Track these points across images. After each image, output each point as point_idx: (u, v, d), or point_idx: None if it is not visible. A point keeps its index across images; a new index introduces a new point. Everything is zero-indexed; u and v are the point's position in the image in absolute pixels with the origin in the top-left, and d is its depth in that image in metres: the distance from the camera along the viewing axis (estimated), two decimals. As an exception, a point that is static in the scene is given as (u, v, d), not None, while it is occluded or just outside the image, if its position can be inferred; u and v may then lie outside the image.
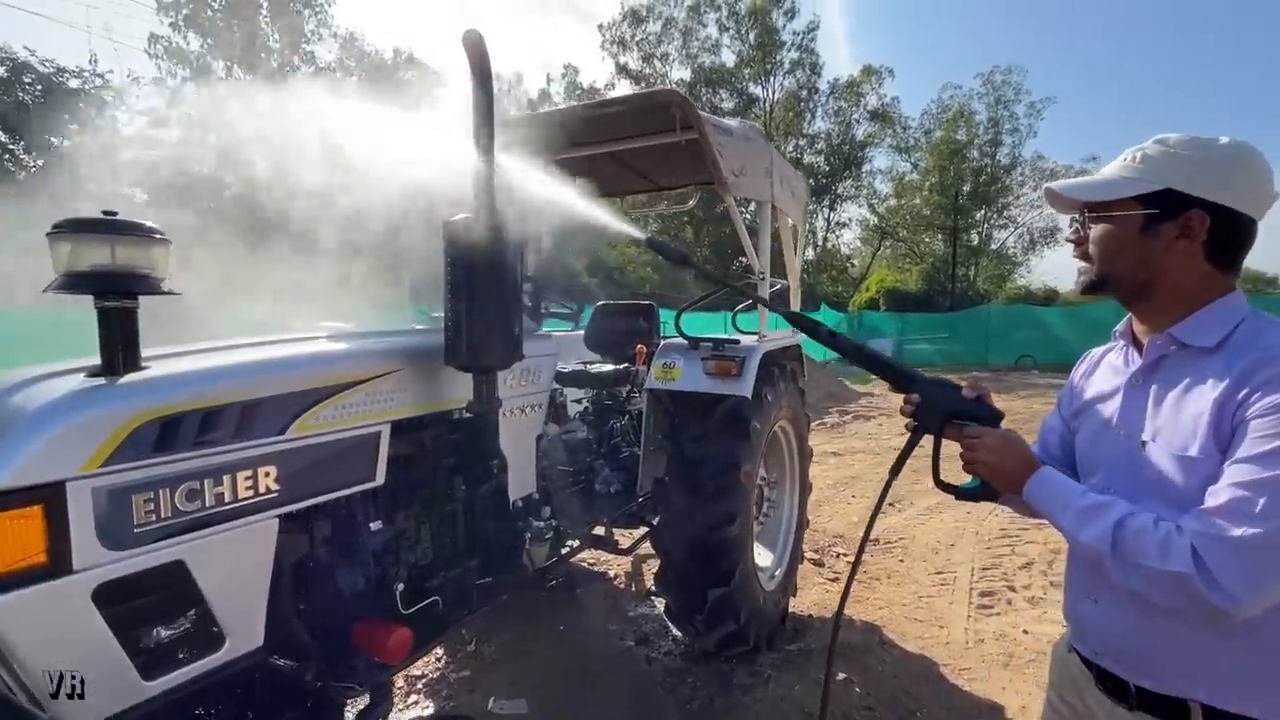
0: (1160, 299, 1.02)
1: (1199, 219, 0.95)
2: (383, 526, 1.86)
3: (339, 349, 1.77)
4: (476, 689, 2.86)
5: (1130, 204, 1.00)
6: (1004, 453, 1.06)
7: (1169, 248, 0.98)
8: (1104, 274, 1.05)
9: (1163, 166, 0.97)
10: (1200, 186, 0.95)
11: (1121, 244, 1.02)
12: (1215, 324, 0.97)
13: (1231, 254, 0.99)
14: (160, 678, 1.32)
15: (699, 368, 2.72)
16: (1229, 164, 0.95)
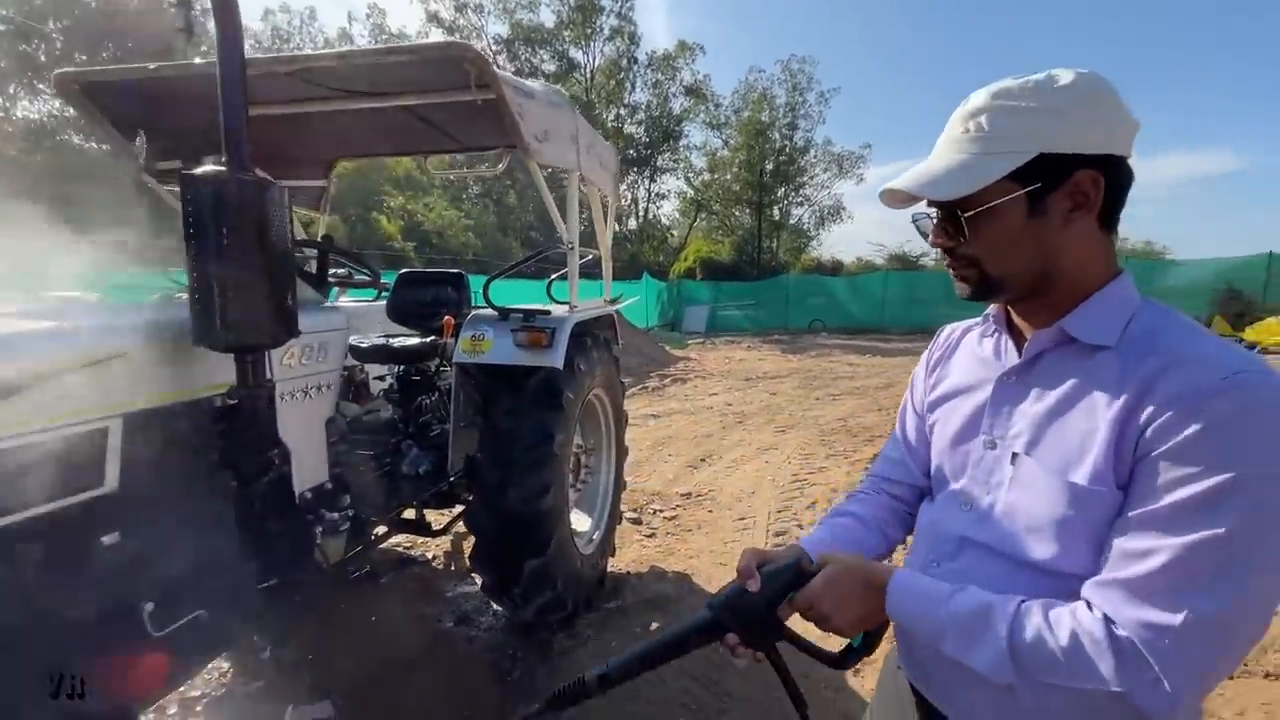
0: (1061, 289, 0.82)
1: (1091, 180, 0.77)
2: (119, 539, 1.56)
3: (40, 328, 1.42)
4: (274, 698, 2.58)
5: (1005, 185, 0.78)
6: (841, 602, 0.83)
7: (1065, 223, 0.79)
8: (994, 276, 0.84)
9: (1019, 129, 0.77)
10: (1076, 140, 0.76)
11: (1007, 236, 0.81)
12: (1110, 315, 0.80)
13: (1117, 209, 0.81)
14: None
15: (509, 339, 2.65)
16: (1090, 103, 0.76)
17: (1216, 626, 0.64)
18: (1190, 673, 0.64)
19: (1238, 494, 0.64)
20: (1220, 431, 0.66)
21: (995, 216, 0.80)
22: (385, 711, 2.50)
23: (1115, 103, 0.77)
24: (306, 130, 3.16)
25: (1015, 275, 0.83)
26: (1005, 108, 0.78)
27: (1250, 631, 0.66)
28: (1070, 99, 0.76)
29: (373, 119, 3.04)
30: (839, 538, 1.03)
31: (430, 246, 22.95)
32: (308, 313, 2.22)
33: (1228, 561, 0.64)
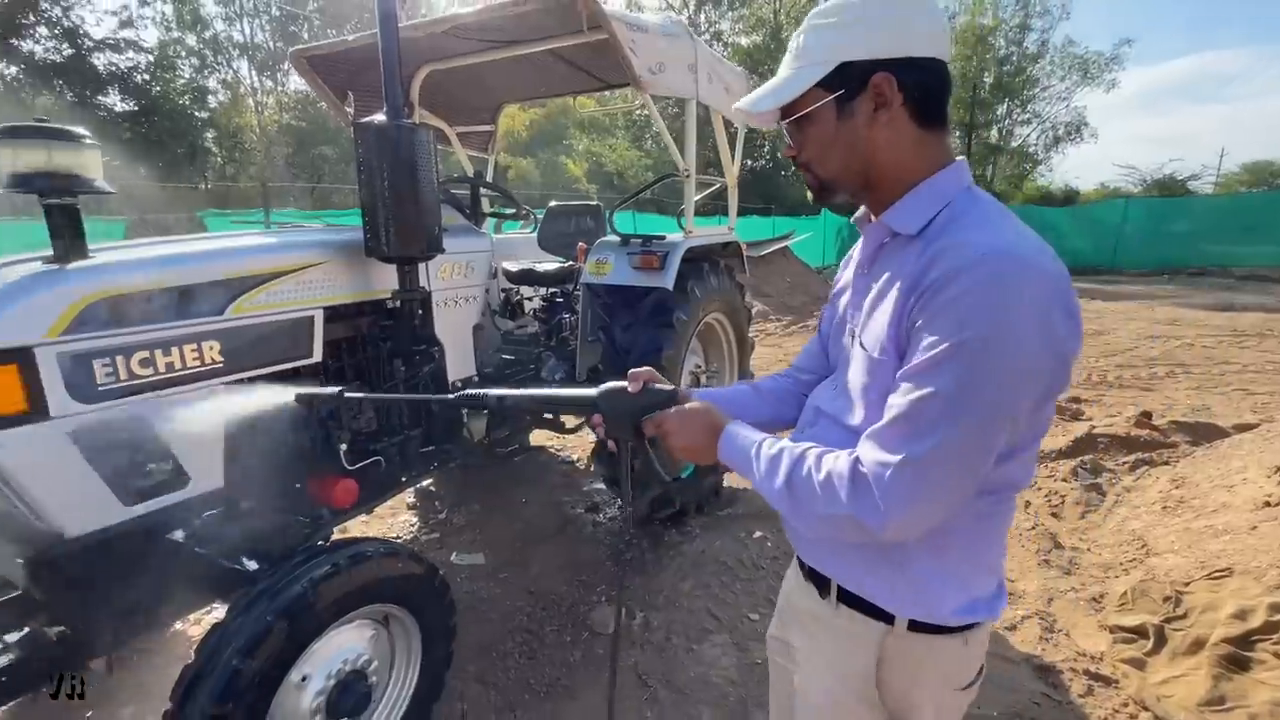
0: (885, 184, 0.91)
1: (886, 82, 0.85)
2: (326, 397, 2.17)
3: (269, 242, 2.00)
4: (444, 546, 3.32)
5: (816, 94, 0.89)
6: (687, 430, 0.99)
7: (871, 123, 0.87)
8: (825, 178, 0.95)
9: (823, 44, 0.88)
10: (871, 48, 0.85)
11: (825, 140, 0.91)
12: (921, 207, 0.87)
13: (936, 107, 0.88)
14: (137, 505, 1.67)
15: (626, 262, 2.94)
16: (885, 11, 0.85)
17: (922, 464, 0.77)
18: (899, 498, 0.78)
19: (956, 357, 0.75)
20: (956, 303, 0.75)
21: (811, 122, 0.91)
22: (520, 568, 3.08)
23: (910, 7, 0.85)
24: (472, 81, 3.64)
25: (839, 174, 0.93)
26: (816, 25, 0.89)
27: (954, 472, 0.78)
28: (864, 10, 0.85)
29: (521, 65, 3.41)
30: (728, 397, 1.17)
31: (612, 187, 23.95)
32: (457, 236, 2.71)
33: (938, 413, 0.76)
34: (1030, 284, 0.75)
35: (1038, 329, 0.75)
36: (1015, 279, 0.74)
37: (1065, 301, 0.77)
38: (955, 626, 0.92)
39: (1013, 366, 0.75)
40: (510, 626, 2.62)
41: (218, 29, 24.67)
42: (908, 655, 0.94)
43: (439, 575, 1.94)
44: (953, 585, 0.90)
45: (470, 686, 2.28)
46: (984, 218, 0.83)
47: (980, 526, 0.90)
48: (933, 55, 0.86)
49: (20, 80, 15.37)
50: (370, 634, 1.83)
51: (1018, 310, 0.74)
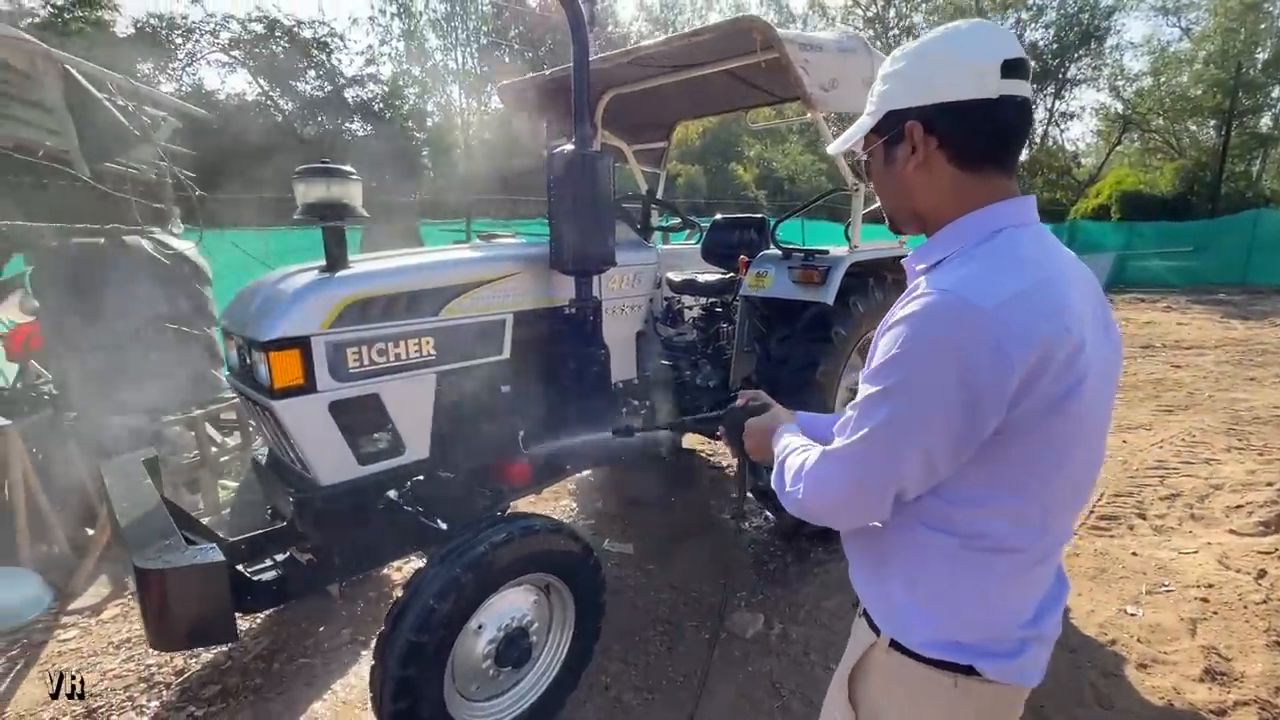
0: (930, 221, 0.96)
1: (914, 128, 0.91)
2: (510, 390, 2.50)
3: (476, 256, 2.37)
4: (598, 533, 3.60)
5: (872, 139, 1.00)
6: (753, 434, 1.17)
7: (908, 167, 0.94)
8: (887, 213, 1.06)
9: (882, 93, 0.96)
10: (903, 98, 0.92)
11: (880, 180, 1.02)
12: (934, 249, 0.93)
13: (973, 149, 0.90)
14: (369, 465, 2.09)
15: (786, 276, 2.97)
16: (917, 62, 0.91)
17: (832, 460, 0.90)
18: (807, 482, 0.93)
19: (875, 378, 0.85)
20: (891, 331, 0.84)
21: (870, 164, 1.04)
22: (665, 562, 3.24)
23: (940, 57, 0.89)
24: (650, 102, 3.90)
25: (892, 210, 1.04)
26: (880, 76, 0.97)
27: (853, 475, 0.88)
28: (903, 62, 0.93)
29: (697, 85, 3.59)
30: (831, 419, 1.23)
31: (782, 193, 23.53)
32: (628, 250, 2.95)
33: (854, 424, 0.87)
34: (953, 324, 0.79)
35: (952, 368, 0.79)
36: (939, 317, 0.80)
37: (997, 343, 0.77)
38: (927, 658, 0.94)
39: (921, 395, 0.81)
40: (653, 616, 2.80)
41: (437, 59, 28.44)
42: (883, 670, 1.00)
43: (594, 555, 2.16)
44: (923, 617, 0.94)
45: (614, 663, 2.49)
46: (966, 260, 0.87)
47: (950, 570, 0.92)
48: (975, 97, 0.87)
49: (295, 113, 19.09)
50: (534, 599, 2.09)
51: (932, 344, 0.80)
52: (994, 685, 0.93)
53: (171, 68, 18.08)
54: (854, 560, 1.07)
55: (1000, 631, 0.93)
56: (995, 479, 0.86)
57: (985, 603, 0.92)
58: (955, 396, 0.79)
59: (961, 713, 0.95)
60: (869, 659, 1.02)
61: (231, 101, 19.07)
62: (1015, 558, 0.90)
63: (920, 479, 0.86)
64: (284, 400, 1.86)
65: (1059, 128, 29.92)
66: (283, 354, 1.85)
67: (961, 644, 0.92)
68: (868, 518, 0.95)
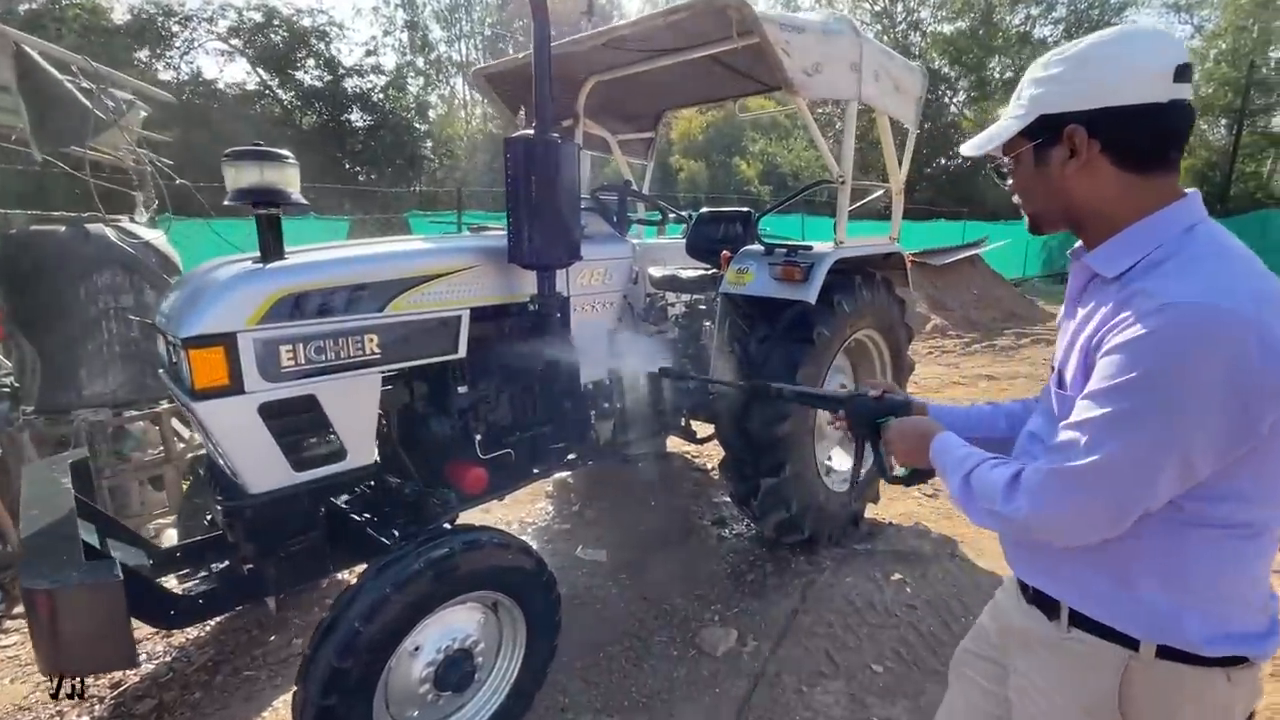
0: (1089, 223, 0.98)
1: (1077, 133, 0.92)
2: (467, 390, 2.35)
3: (427, 248, 2.22)
4: (572, 538, 3.46)
5: (1019, 142, 0.99)
6: (904, 436, 1.17)
7: (1064, 171, 0.95)
8: (1030, 214, 1.05)
9: (1033, 96, 0.96)
10: (1062, 102, 0.92)
11: (1027, 183, 1.02)
12: (1124, 251, 0.92)
13: (1141, 152, 0.91)
14: (305, 471, 1.94)
15: (767, 273, 2.82)
16: (1085, 67, 0.91)
17: (1070, 475, 0.86)
18: (1039, 500, 0.89)
19: (1125, 391, 0.81)
20: (1134, 344, 0.81)
21: (1018, 165, 1.02)
22: (639, 571, 3.10)
23: (1108, 61, 0.89)
24: (634, 90, 3.73)
25: (1040, 213, 1.03)
26: (1030, 79, 0.98)
27: (1099, 494, 0.85)
28: (1062, 66, 0.93)
29: (682, 73, 3.42)
30: (964, 411, 1.29)
31: (785, 189, 23.30)
32: (600, 243, 2.79)
33: (1098, 437, 0.84)
34: (1214, 333, 0.77)
35: (1219, 377, 0.77)
36: (1195, 329, 0.78)
37: (1261, 342, 0.76)
38: (1211, 658, 0.90)
39: (1181, 411, 0.79)
40: (621, 630, 2.65)
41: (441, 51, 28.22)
42: (1157, 685, 0.93)
43: (547, 571, 2.02)
44: (1195, 613, 0.90)
45: (574, 682, 2.35)
46: (1187, 263, 0.85)
47: (1216, 559, 0.89)
48: (1142, 101, 0.88)
49: (292, 104, 18.90)
50: (480, 618, 1.95)
51: (1194, 358, 0.78)
52: (1253, 669, 0.93)
53: (169, 56, 17.91)
54: (1083, 576, 0.98)
55: (1265, 612, 0.94)
56: (1265, 471, 0.85)
57: (1254, 586, 0.93)
58: (1223, 405, 0.79)
59: (1235, 706, 0.95)
60: (1130, 676, 0.94)
61: (231, 91, 18.92)
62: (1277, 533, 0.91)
63: (1174, 489, 0.85)
64: (207, 402, 1.72)
65: (1067, 126, 29.50)
66: (204, 352, 1.70)
67: (1233, 634, 0.91)
68: (1109, 533, 0.89)
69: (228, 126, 17.71)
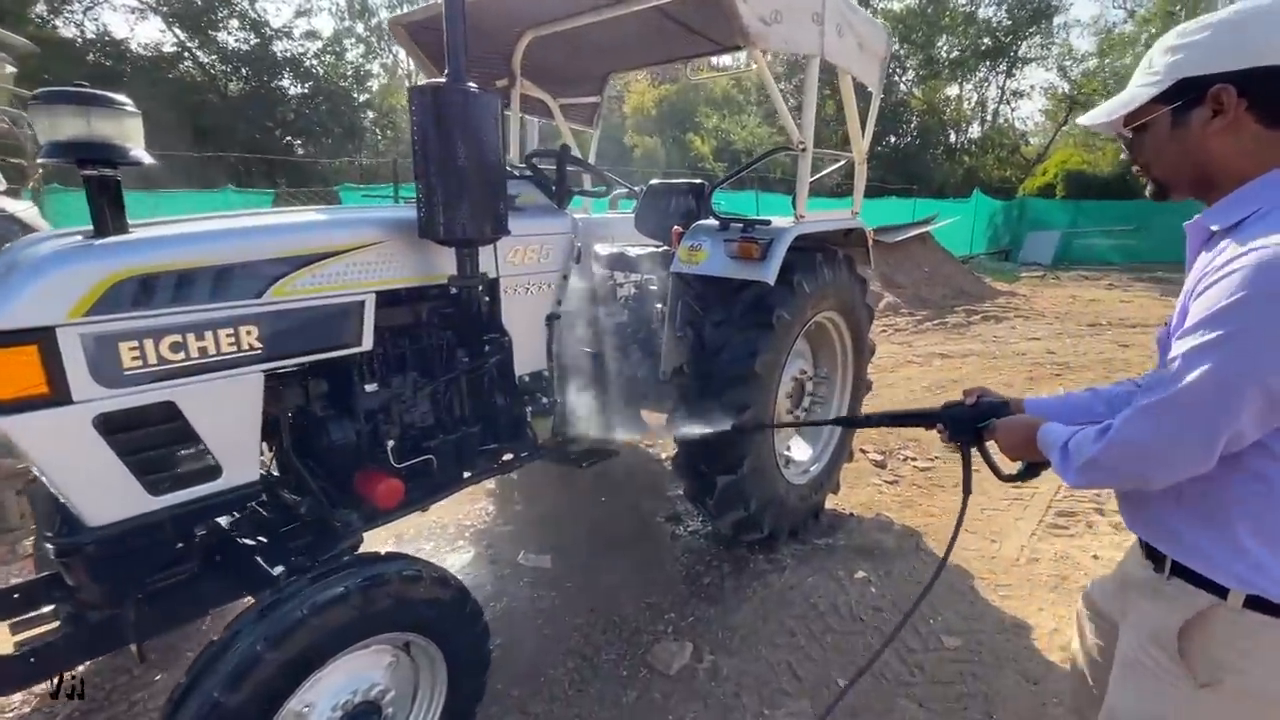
0: (1221, 181, 0.99)
1: (1225, 93, 0.94)
2: (376, 389, 2.02)
3: (319, 220, 1.85)
4: (514, 542, 3.17)
5: (1153, 107, 1.01)
6: (1011, 433, 1.21)
7: (1206, 131, 0.97)
8: (1160, 179, 1.07)
9: (1171, 63, 0.98)
10: (1213, 64, 0.94)
11: (1160, 147, 1.04)
12: (1239, 205, 0.95)
13: None
14: (166, 495, 1.58)
15: (722, 250, 2.55)
16: (1225, 31, 0.94)
17: (1151, 410, 0.92)
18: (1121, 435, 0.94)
19: (1208, 325, 0.86)
20: (1222, 284, 0.86)
21: (1148, 131, 1.03)
22: (588, 577, 2.84)
23: (1260, 23, 0.91)
24: (577, 49, 3.37)
25: (1173, 177, 1.05)
26: (1164, 47, 0.99)
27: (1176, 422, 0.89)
28: (1208, 32, 0.94)
29: (628, 29, 3.09)
30: (1061, 399, 1.30)
31: (739, 165, 23.10)
32: (533, 216, 2.47)
33: (1179, 371, 0.88)
34: None
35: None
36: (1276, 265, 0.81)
37: None
38: None
39: (1262, 340, 0.82)
40: (565, 648, 2.39)
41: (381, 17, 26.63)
42: (1238, 633, 0.95)
43: (471, 601, 1.73)
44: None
45: (509, 715, 2.08)
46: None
47: None
48: None
49: (214, 68, 17.50)
50: (388, 661, 1.65)
51: (1275, 291, 0.81)
52: None
53: (69, 11, 16.27)
54: (1175, 516, 1.02)
55: None
56: None
57: None
58: None
59: None
60: (1209, 624, 0.97)
61: (147, 53, 17.38)
62: None
63: (1260, 422, 0.86)
64: (18, 416, 1.34)
65: (1009, 105, 30.28)
66: (10, 352, 1.32)
67: None
68: (1191, 468, 0.91)
69: (142, 91, 16.32)
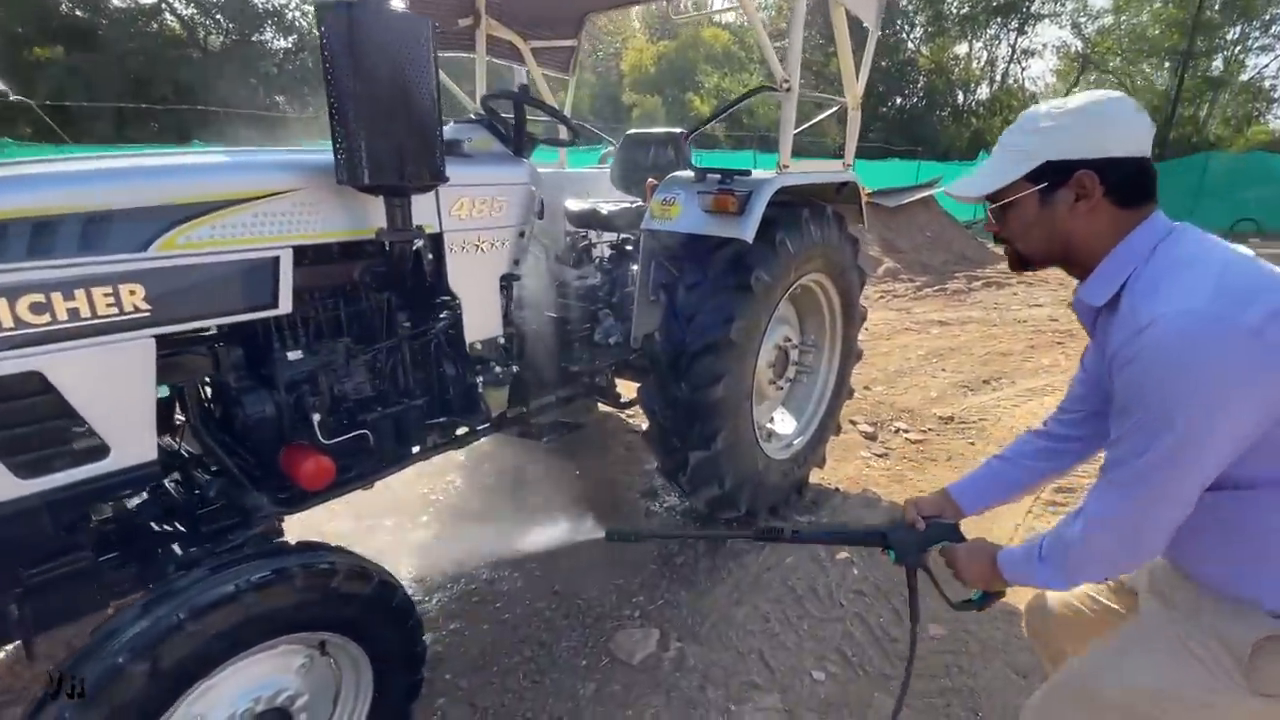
0: (1080, 257, 1.06)
1: (1089, 178, 0.99)
2: (301, 356, 1.80)
3: (214, 163, 1.61)
4: (480, 519, 3.00)
5: (1021, 185, 1.05)
6: (972, 563, 1.20)
7: (1071, 211, 1.02)
8: (1023, 254, 1.12)
9: (1036, 144, 1.02)
10: (1076, 150, 0.99)
11: (1026, 223, 1.07)
12: (1108, 279, 1.01)
13: (1137, 192, 1.00)
14: (39, 478, 1.37)
15: (697, 204, 2.30)
16: (1092, 122, 0.99)
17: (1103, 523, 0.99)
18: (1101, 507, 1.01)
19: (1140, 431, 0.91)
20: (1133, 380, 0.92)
21: (1015, 208, 1.08)
22: (550, 558, 2.65)
23: (1121, 120, 0.99)
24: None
25: (1035, 251, 1.11)
26: (1028, 128, 1.05)
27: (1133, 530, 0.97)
28: (1072, 119, 1.01)
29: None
30: (983, 477, 1.34)
31: (741, 126, 22.42)
32: (485, 164, 2.21)
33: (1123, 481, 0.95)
34: (1202, 340, 0.85)
35: (1217, 379, 0.85)
36: (1178, 344, 0.86)
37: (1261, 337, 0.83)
38: None
39: (1193, 427, 0.86)
40: (522, 635, 2.24)
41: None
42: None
43: (397, 594, 1.54)
44: None
45: (455, 709, 1.92)
46: (1157, 278, 0.94)
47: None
48: (1135, 155, 0.99)
49: (194, 20, 16.77)
50: (300, 663, 1.47)
51: (1188, 372, 0.86)
52: None
53: (38, -42, 15.47)
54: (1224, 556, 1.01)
55: None
56: None
57: None
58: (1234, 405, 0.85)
59: None
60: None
61: (123, 4, 16.66)
62: None
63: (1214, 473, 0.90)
64: None
65: (1020, 65, 29.36)
66: None
67: None
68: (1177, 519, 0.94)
69: (119, 46, 15.65)
